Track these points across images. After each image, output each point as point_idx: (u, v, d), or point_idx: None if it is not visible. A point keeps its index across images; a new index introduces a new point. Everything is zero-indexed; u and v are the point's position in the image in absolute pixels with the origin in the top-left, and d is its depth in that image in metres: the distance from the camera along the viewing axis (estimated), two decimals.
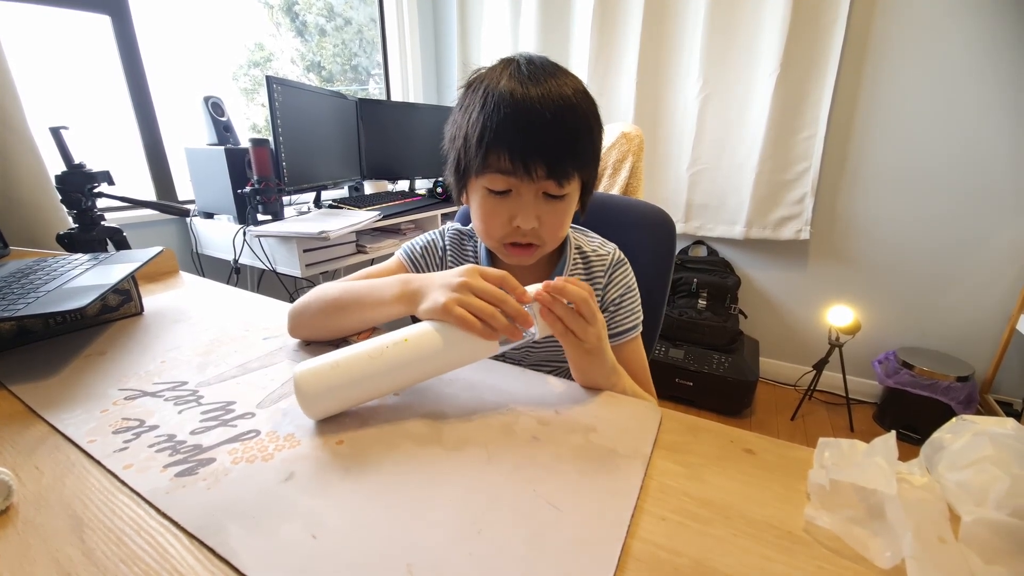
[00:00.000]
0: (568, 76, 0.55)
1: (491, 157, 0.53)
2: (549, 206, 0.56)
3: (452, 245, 0.70)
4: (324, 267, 1.39)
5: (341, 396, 0.42)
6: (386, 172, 2.01)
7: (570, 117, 0.52)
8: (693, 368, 1.81)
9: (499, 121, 0.51)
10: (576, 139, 0.54)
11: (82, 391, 0.46)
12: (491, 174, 0.54)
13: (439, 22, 2.41)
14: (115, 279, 0.59)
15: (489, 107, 0.52)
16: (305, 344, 0.57)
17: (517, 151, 0.52)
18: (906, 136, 1.63)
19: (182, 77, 1.66)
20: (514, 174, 0.53)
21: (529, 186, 0.54)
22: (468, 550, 0.29)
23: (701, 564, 0.29)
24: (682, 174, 1.94)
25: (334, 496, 0.33)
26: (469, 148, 0.54)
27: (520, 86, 0.51)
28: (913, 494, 0.31)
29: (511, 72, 0.53)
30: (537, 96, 0.51)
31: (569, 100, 0.52)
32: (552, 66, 0.55)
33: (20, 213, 1.09)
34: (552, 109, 0.51)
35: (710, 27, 1.74)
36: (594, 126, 0.56)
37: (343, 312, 0.55)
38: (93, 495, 0.33)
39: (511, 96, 0.51)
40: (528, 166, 0.52)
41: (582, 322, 0.46)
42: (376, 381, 0.43)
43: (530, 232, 0.56)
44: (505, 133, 0.52)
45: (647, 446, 0.39)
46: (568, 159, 0.53)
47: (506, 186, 0.54)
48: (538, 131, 0.51)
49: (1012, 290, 1.61)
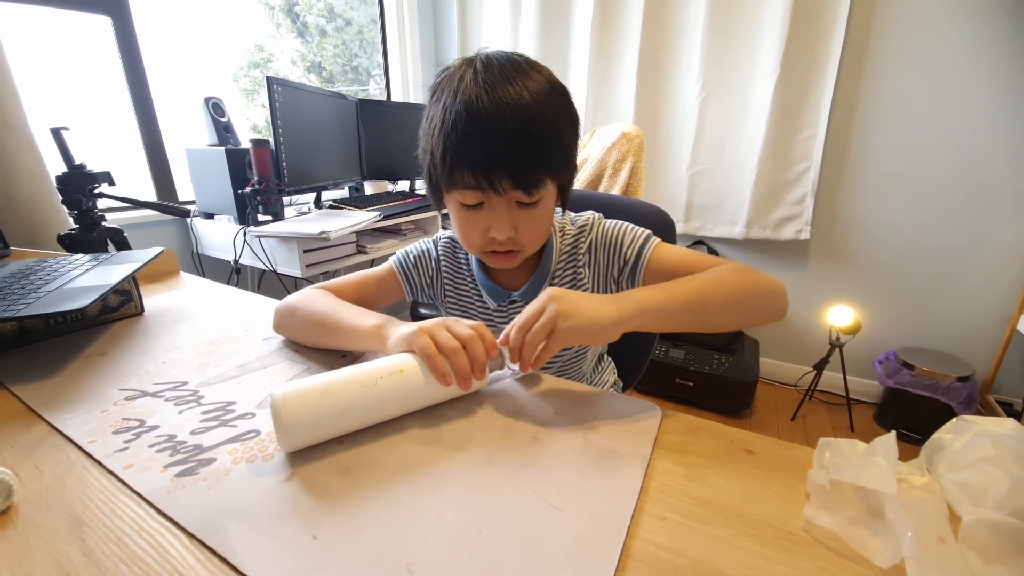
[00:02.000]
0: (530, 77, 0.51)
1: (455, 175, 0.52)
2: (524, 213, 0.55)
3: (445, 253, 0.70)
4: (324, 267, 1.39)
5: (325, 428, 0.38)
6: (386, 173, 2.01)
7: (531, 125, 0.50)
8: (693, 368, 1.80)
9: (457, 140, 0.50)
10: (539, 146, 0.51)
11: (82, 391, 0.47)
12: (459, 190, 0.53)
13: (439, 22, 2.41)
14: (115, 279, 0.59)
15: (448, 125, 0.50)
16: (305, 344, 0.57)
17: (480, 167, 0.50)
18: (906, 136, 1.63)
19: (182, 78, 1.66)
20: (480, 189, 0.52)
21: (499, 199, 0.53)
22: (468, 550, 0.29)
23: (701, 564, 0.29)
24: (682, 174, 1.94)
25: (334, 496, 0.33)
26: (435, 165, 0.53)
27: (476, 99, 0.49)
28: (913, 494, 0.31)
29: (468, 81, 0.50)
30: (493, 108, 0.49)
31: (529, 107, 0.49)
32: (512, 67, 0.51)
33: (21, 213, 1.09)
34: (511, 119, 0.49)
35: (710, 27, 1.74)
36: (561, 127, 0.53)
37: (324, 333, 0.55)
38: (93, 495, 0.33)
39: (467, 112, 0.49)
40: (492, 182, 0.50)
41: (544, 345, 0.45)
42: (365, 413, 0.40)
43: (507, 240, 0.56)
44: (465, 151, 0.50)
45: (647, 446, 0.39)
46: (534, 168, 0.52)
47: (476, 200, 0.53)
48: (498, 146, 0.49)
49: (1012, 290, 1.61)
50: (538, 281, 0.65)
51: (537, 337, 0.44)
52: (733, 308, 0.53)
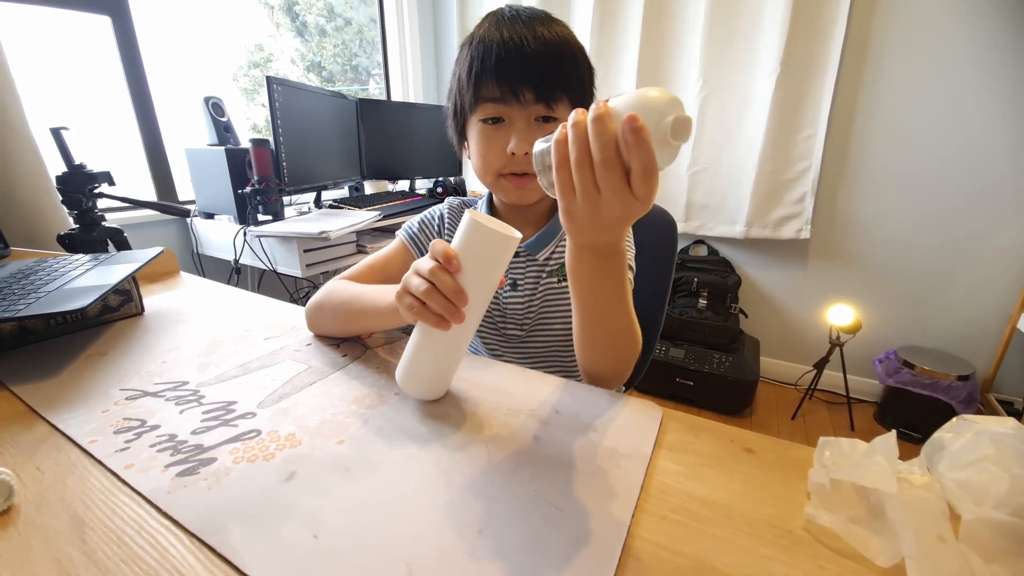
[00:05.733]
0: (558, 22, 0.58)
1: (481, 88, 0.56)
2: (542, 131, 0.57)
3: (452, 212, 0.72)
4: (324, 267, 1.39)
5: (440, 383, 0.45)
6: (386, 172, 2.01)
7: (554, 44, 0.55)
8: (693, 368, 1.80)
9: (484, 53, 0.55)
10: (560, 61, 0.55)
11: (83, 391, 0.47)
12: (483, 104, 0.57)
13: (439, 22, 2.41)
14: (116, 279, 0.59)
15: (476, 46, 0.56)
16: (305, 344, 0.57)
17: (504, 78, 0.55)
18: (906, 135, 1.63)
19: (182, 77, 1.66)
20: (503, 101, 0.56)
21: (520, 112, 0.56)
22: (468, 550, 0.29)
23: (701, 564, 0.29)
24: (682, 174, 1.94)
25: (334, 496, 0.33)
26: (462, 87, 0.58)
27: (504, 26, 0.55)
28: (913, 493, 0.31)
29: (498, 17, 0.57)
30: (521, 28, 0.54)
31: (554, 30, 0.55)
32: (542, 12, 0.58)
33: (21, 213, 1.09)
34: (536, 37, 0.54)
35: (710, 27, 1.74)
36: (579, 56, 0.58)
37: (354, 321, 0.57)
38: (94, 495, 0.33)
39: (497, 31, 0.55)
40: (516, 90, 0.54)
41: (588, 177, 0.33)
42: (450, 368, 0.45)
43: (524, 158, 0.57)
44: (491, 62, 0.55)
45: (647, 445, 0.39)
46: (554, 81, 0.55)
47: (498, 114, 0.57)
48: (523, 57, 0.54)
49: (1013, 289, 1.61)
50: (545, 237, 0.66)
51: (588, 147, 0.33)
52: (614, 339, 0.49)
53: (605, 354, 0.50)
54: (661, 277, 0.81)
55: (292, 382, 0.49)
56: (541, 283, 0.67)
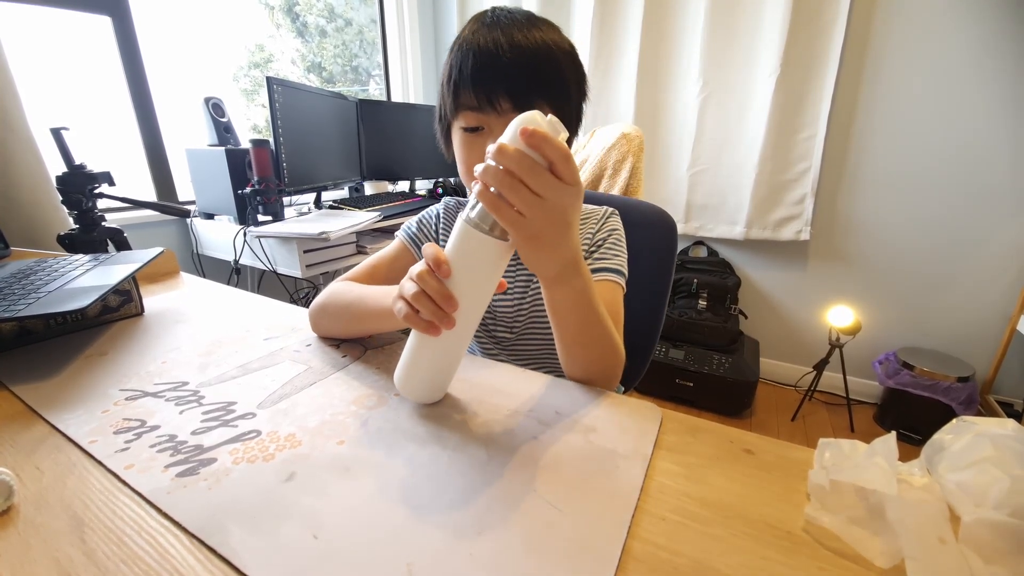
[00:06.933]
0: (536, 22, 0.55)
1: (459, 97, 0.55)
2: None
3: (447, 211, 0.72)
4: (324, 268, 1.39)
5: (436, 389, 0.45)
6: (386, 173, 2.01)
7: (531, 51, 0.53)
8: (693, 368, 1.80)
9: (462, 60, 0.54)
10: (537, 69, 0.54)
11: (83, 391, 0.47)
12: (462, 112, 0.56)
13: (439, 22, 2.41)
14: (116, 280, 0.59)
15: (456, 53, 0.55)
16: (305, 345, 0.57)
17: (480, 86, 0.54)
18: (906, 136, 1.63)
19: (182, 78, 1.66)
20: (480, 109, 0.55)
21: (497, 120, 0.55)
22: (468, 550, 0.29)
23: (701, 564, 0.29)
24: (682, 174, 1.94)
25: (334, 496, 0.33)
26: (444, 95, 0.58)
27: (486, 28, 0.54)
28: (913, 494, 0.31)
29: (480, 22, 0.56)
30: (498, 34, 0.53)
31: (532, 36, 0.53)
32: (525, 15, 0.56)
33: (21, 213, 1.09)
34: (512, 44, 0.52)
35: (710, 27, 1.74)
36: (561, 59, 0.55)
37: (357, 323, 0.57)
38: (94, 495, 0.33)
39: (475, 38, 0.54)
40: (492, 99, 0.54)
41: (525, 193, 0.35)
42: (448, 371, 0.45)
43: None
44: (468, 71, 0.54)
45: (647, 446, 0.39)
46: (532, 89, 0.54)
47: (477, 123, 0.56)
48: (498, 66, 0.53)
49: (1012, 290, 1.61)
50: None
51: (518, 169, 0.35)
52: (592, 345, 0.51)
53: (589, 369, 0.52)
54: (661, 278, 0.81)
55: (292, 383, 0.49)
56: (531, 287, 0.67)
